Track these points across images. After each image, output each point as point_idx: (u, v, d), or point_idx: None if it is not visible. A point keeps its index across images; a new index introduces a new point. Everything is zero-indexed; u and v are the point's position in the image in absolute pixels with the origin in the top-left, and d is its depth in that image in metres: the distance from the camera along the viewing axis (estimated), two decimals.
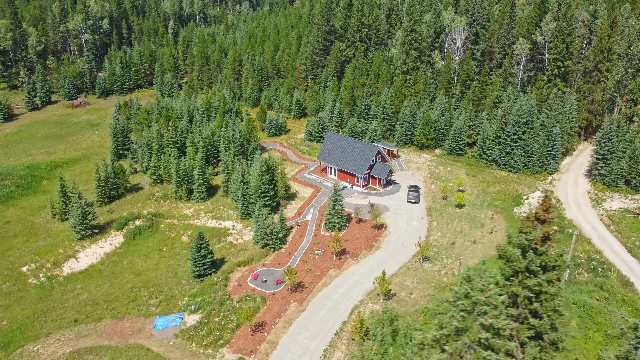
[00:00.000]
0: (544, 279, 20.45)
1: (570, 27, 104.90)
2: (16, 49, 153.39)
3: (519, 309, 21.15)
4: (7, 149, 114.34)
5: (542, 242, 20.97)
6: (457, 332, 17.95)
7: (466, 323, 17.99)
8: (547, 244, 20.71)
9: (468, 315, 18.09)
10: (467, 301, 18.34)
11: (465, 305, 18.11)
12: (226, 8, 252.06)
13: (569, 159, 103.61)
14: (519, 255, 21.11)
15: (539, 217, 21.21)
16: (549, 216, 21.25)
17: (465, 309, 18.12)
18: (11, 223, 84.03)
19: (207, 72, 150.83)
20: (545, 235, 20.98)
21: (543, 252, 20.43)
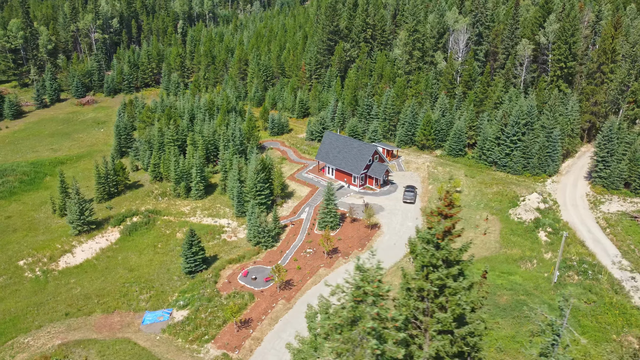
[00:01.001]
0: (445, 273, 20.62)
1: (574, 27, 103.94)
2: (27, 47, 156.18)
3: (425, 303, 21.36)
4: (13, 145, 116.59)
5: (444, 236, 21.17)
6: (352, 321, 18.36)
7: (356, 313, 18.42)
8: (448, 239, 20.90)
9: (359, 305, 18.51)
10: (358, 292, 18.77)
11: (355, 296, 18.52)
12: (237, 8, 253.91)
13: (570, 161, 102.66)
14: (423, 249, 21.37)
15: (442, 212, 21.41)
16: (451, 211, 21.42)
17: (356, 299, 18.57)
18: (12, 218, 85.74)
19: (213, 72, 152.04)
20: (447, 230, 21.17)
21: (444, 247, 20.64)
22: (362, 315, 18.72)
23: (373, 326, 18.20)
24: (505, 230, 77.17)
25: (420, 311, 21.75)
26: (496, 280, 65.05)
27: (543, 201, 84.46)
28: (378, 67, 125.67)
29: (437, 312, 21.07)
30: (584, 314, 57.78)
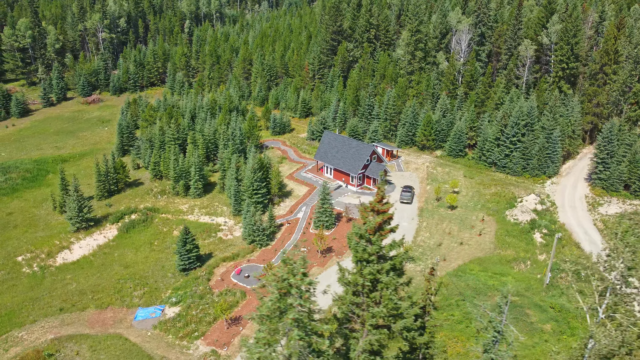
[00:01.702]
0: (377, 268, 20.81)
1: (576, 28, 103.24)
2: (35, 46, 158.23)
3: (361, 298, 21.58)
4: (19, 143, 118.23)
5: (375, 232, 21.38)
6: (280, 312, 18.76)
7: (281, 304, 18.79)
8: (378, 234, 21.11)
9: (285, 297, 18.86)
10: (282, 284, 19.12)
11: (279, 288, 18.87)
12: (245, 8, 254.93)
13: (571, 162, 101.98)
14: (356, 244, 21.62)
15: (374, 209, 21.62)
16: (383, 207, 21.61)
17: (281, 291, 18.92)
18: (14, 214, 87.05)
19: (218, 71, 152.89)
20: (378, 226, 21.36)
21: (374, 242, 20.84)
22: (287, 307, 19.09)
23: (295, 317, 18.55)
24: (500, 231, 76.94)
25: (356, 306, 22.01)
26: (488, 281, 64.94)
27: (540, 202, 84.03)
28: (380, 67, 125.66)
29: (373, 306, 21.30)
30: (574, 315, 57.48)
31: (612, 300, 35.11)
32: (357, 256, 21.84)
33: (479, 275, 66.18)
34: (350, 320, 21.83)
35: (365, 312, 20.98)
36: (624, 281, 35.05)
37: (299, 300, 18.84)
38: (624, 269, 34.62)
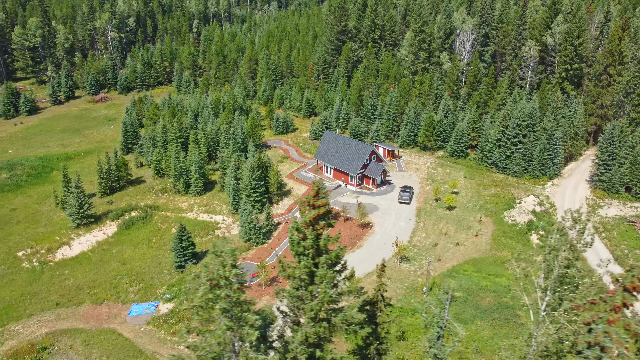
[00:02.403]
0: (311, 262, 21.05)
1: (580, 29, 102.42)
2: (45, 45, 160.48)
3: (300, 291, 21.84)
4: (26, 140, 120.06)
5: (309, 226, 21.62)
6: (209, 302, 19.14)
7: (210, 295, 19.18)
8: (312, 228, 21.34)
9: (215, 289, 19.25)
10: (212, 275, 19.51)
11: (209, 279, 19.26)
12: (255, 8, 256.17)
13: (574, 164, 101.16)
14: (293, 237, 21.89)
15: (310, 203, 21.85)
16: (319, 202, 21.82)
17: (211, 282, 19.33)
18: (17, 210, 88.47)
19: (224, 70, 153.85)
20: (313, 220, 21.58)
21: (308, 236, 21.10)
22: (216, 298, 19.48)
23: (223, 307, 18.95)
24: (497, 232, 76.63)
25: (297, 298, 22.31)
26: (481, 282, 64.77)
27: (539, 204, 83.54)
28: (384, 67, 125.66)
29: (311, 299, 21.58)
30: None
31: (552, 298, 35.11)
32: (293, 249, 22.16)
33: (472, 276, 66.01)
34: (293, 313, 22.17)
35: (305, 305, 21.32)
36: (562, 278, 35.05)
37: (227, 291, 19.30)
38: (562, 267, 34.68)
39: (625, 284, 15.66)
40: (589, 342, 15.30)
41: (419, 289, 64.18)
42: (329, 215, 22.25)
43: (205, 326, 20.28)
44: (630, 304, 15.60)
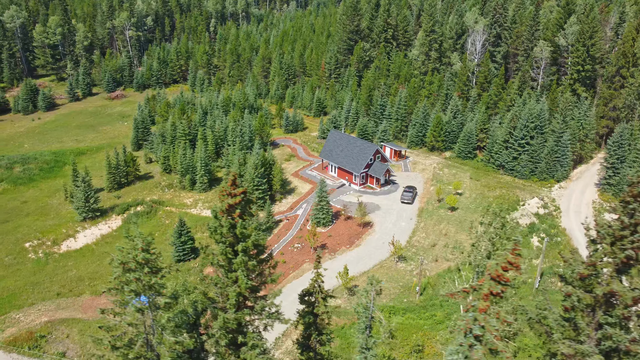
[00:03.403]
0: (225, 250, 21.46)
1: (592, 29, 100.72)
2: (65, 43, 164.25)
3: (222, 278, 22.26)
4: (42, 135, 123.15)
5: (225, 214, 21.96)
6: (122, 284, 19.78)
7: (122, 278, 19.81)
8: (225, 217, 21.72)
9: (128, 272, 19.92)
10: (124, 258, 20.14)
11: (122, 262, 19.90)
12: (274, 8, 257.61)
13: (584, 167, 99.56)
14: (211, 225, 22.31)
15: (227, 192, 22.19)
16: (235, 191, 22.11)
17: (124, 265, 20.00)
18: (28, 203, 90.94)
19: (238, 69, 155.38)
20: (228, 208, 21.90)
21: (224, 224, 21.50)
22: (128, 280, 20.08)
23: (132, 289, 19.54)
24: None
25: (219, 285, 22.78)
26: None
27: (543, 206, 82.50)
28: (395, 67, 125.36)
29: (231, 285, 21.99)
30: None
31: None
32: (211, 237, 22.65)
33: (468, 277, 65.57)
34: (220, 299, 22.65)
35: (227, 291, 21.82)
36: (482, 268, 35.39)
37: (137, 274, 19.91)
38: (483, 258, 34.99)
39: (491, 273, 15.72)
40: (464, 329, 15.44)
41: (412, 289, 64.09)
42: (249, 204, 22.67)
43: (120, 308, 21.13)
44: (496, 292, 15.65)
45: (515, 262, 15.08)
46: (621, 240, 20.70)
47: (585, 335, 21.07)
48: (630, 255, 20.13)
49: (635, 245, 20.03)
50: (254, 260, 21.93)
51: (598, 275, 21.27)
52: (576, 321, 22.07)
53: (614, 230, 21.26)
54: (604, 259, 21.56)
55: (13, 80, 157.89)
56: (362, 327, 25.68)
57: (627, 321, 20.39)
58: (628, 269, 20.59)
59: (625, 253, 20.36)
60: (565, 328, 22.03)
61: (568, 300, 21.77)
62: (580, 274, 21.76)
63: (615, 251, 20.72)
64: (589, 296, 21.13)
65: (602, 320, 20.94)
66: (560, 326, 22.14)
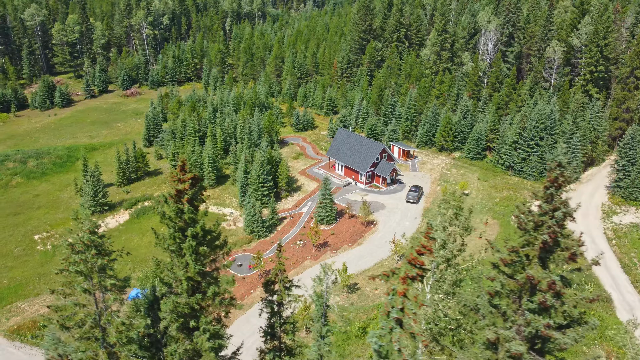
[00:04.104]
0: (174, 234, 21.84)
1: (606, 29, 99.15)
2: (83, 41, 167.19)
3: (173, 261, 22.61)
4: (57, 131, 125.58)
5: (173, 199, 22.32)
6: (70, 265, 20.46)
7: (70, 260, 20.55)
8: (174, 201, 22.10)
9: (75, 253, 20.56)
10: (75, 240, 20.84)
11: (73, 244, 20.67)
12: (290, 7, 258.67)
13: (595, 169, 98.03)
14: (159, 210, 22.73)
15: (175, 177, 22.50)
16: (184, 177, 22.36)
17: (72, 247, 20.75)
18: (40, 196, 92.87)
19: (251, 68, 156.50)
20: (176, 194, 22.17)
21: (171, 208, 21.92)
22: (75, 262, 20.65)
23: (77, 270, 20.08)
24: (501, 235, 75.14)
25: (171, 270, 23.12)
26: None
27: None
28: (406, 67, 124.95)
29: (180, 270, 22.33)
30: None
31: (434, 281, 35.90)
32: (161, 221, 23.03)
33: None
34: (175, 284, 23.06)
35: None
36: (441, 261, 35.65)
37: (84, 256, 20.44)
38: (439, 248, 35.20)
39: (407, 257, 15.78)
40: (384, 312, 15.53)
41: None
42: (201, 190, 22.99)
43: (70, 289, 21.79)
44: (412, 275, 15.67)
45: (428, 246, 15.27)
46: (541, 226, 20.67)
47: (511, 321, 20.95)
48: (546, 240, 20.08)
49: (551, 230, 19.93)
50: (204, 246, 22.28)
51: (521, 262, 21.24)
52: (500, 307, 21.94)
53: (533, 216, 21.22)
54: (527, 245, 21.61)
55: (32, 77, 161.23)
56: (317, 316, 25.89)
57: (544, 307, 20.23)
58: (549, 255, 20.44)
59: (542, 238, 20.33)
60: (494, 315, 21.89)
61: (492, 286, 21.83)
62: (502, 259, 21.77)
63: (537, 237, 20.67)
64: (513, 282, 21.15)
65: (525, 307, 20.95)
66: (489, 313, 22.01)
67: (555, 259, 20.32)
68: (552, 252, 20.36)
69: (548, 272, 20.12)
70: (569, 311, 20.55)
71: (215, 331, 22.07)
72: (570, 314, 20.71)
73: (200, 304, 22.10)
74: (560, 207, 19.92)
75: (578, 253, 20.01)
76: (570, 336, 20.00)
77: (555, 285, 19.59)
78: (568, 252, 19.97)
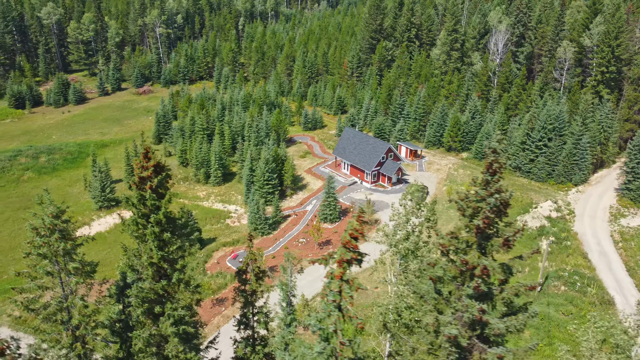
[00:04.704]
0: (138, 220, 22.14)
1: (618, 30, 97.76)
2: (97, 39, 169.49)
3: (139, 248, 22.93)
4: (70, 127, 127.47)
5: (136, 185, 22.68)
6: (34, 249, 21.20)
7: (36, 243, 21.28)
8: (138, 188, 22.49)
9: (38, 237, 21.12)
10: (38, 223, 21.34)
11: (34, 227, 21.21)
12: (305, 7, 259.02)
13: (605, 171, 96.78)
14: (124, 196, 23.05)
15: (139, 165, 22.79)
16: (148, 164, 22.59)
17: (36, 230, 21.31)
18: (50, 191, 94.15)
19: (262, 67, 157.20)
20: (139, 181, 22.45)
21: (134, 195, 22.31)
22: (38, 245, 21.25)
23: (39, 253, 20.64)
24: None
25: (137, 256, 23.49)
26: None
27: (556, 210, 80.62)
28: (416, 66, 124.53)
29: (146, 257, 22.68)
30: (557, 324, 55.19)
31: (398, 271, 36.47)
32: (126, 207, 23.41)
33: None
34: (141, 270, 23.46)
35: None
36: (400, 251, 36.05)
37: (47, 239, 20.91)
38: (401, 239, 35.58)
39: (342, 241, 15.85)
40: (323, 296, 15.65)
41: None
42: (167, 178, 23.28)
43: (35, 272, 22.37)
44: (347, 258, 15.73)
45: (360, 230, 15.49)
46: (478, 212, 20.78)
47: (454, 307, 20.96)
48: (479, 225, 20.15)
49: (485, 216, 19.97)
50: (169, 233, 22.61)
51: (463, 248, 21.35)
52: (442, 293, 21.98)
53: (471, 202, 21.29)
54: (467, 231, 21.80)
55: (48, 75, 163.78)
56: (283, 305, 26.14)
57: (478, 292, 20.26)
58: (486, 241, 20.44)
59: (475, 223, 20.43)
60: (438, 300, 21.94)
61: (433, 272, 22.00)
62: (442, 245, 21.90)
63: (474, 223, 20.78)
64: (453, 268, 21.27)
65: (463, 292, 21.07)
66: (433, 299, 22.06)
67: (493, 245, 20.30)
68: (490, 239, 20.34)
69: (481, 258, 20.13)
70: (508, 298, 20.54)
71: (180, 317, 22.36)
72: (511, 301, 20.72)
73: (167, 290, 22.45)
74: (494, 194, 19.82)
75: (512, 240, 19.93)
76: (507, 323, 20.06)
77: (487, 271, 19.64)
78: (502, 239, 19.91)
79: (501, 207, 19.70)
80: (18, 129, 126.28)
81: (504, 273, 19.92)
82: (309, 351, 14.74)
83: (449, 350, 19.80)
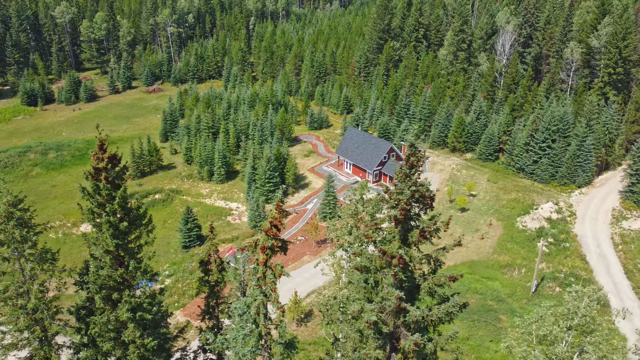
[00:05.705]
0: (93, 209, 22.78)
1: (625, 30, 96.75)
2: (109, 38, 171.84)
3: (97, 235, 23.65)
4: (79, 125, 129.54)
5: (91, 175, 23.31)
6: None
7: None
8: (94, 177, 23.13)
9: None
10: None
11: None
12: (317, 7, 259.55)
13: (610, 173, 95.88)
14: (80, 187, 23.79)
15: (95, 155, 23.36)
16: (103, 156, 23.18)
17: None
18: (57, 187, 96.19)
19: (271, 66, 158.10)
20: (95, 171, 23.09)
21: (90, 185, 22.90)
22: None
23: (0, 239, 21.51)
24: (504, 237, 74.49)
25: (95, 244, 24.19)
26: (472, 284, 63.52)
27: (557, 211, 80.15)
28: (423, 67, 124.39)
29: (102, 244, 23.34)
30: None
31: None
32: (83, 197, 24.07)
33: (464, 278, 64.76)
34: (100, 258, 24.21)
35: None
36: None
37: (3, 226, 21.67)
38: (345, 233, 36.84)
39: (262, 228, 16.23)
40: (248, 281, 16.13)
41: None
42: (123, 171, 23.91)
43: None
44: (269, 245, 16.14)
45: (279, 218, 16.06)
46: (398, 204, 21.30)
47: (380, 296, 21.33)
48: (397, 216, 20.66)
49: (401, 207, 20.42)
50: (125, 222, 23.26)
51: (387, 239, 21.78)
52: (369, 281, 22.36)
53: (392, 194, 21.80)
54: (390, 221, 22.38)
55: (61, 73, 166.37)
56: (237, 295, 26.73)
57: (396, 280, 20.64)
58: (408, 232, 20.81)
59: (392, 214, 20.95)
60: (367, 289, 22.35)
61: (357, 262, 22.54)
62: (365, 235, 22.45)
63: (392, 214, 21.28)
64: (377, 257, 21.80)
65: (386, 281, 21.57)
66: (362, 288, 22.46)
67: (412, 236, 20.66)
68: (410, 230, 20.74)
69: (401, 249, 20.53)
70: (430, 287, 20.90)
71: (137, 304, 23.03)
72: (433, 290, 21.10)
73: (125, 277, 23.15)
74: (411, 186, 20.20)
75: (428, 232, 20.24)
76: (425, 312, 20.54)
77: (402, 260, 20.11)
78: (418, 230, 20.30)
79: (422, 200, 20.02)
80: (29, 126, 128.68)
81: (429, 264, 20.28)
82: (239, 334, 15.27)
83: (372, 336, 20.42)
